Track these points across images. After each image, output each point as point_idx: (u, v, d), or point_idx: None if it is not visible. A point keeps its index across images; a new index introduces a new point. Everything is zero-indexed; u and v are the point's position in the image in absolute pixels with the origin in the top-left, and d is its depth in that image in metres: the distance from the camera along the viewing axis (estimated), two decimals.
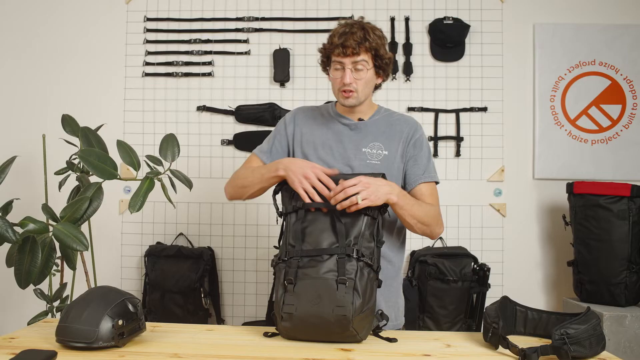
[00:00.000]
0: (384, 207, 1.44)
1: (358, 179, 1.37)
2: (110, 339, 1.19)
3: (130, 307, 1.25)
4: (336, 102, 1.71)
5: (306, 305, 1.26)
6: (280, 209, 1.48)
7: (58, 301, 2.23)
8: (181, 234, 2.94)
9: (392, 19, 2.95)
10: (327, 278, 1.28)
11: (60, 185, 2.34)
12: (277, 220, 1.49)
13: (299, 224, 1.38)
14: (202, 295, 2.72)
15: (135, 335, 1.27)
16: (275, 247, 1.48)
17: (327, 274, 1.29)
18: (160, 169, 2.10)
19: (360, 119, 1.64)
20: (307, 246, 1.34)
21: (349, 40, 1.50)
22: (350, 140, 1.62)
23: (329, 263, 1.31)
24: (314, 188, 1.41)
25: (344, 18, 2.92)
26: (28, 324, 1.84)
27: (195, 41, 2.97)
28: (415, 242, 2.90)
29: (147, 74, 2.98)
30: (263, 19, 2.97)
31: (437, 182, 1.67)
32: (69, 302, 2.28)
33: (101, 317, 1.19)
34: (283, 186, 1.49)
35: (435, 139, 2.91)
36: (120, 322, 1.21)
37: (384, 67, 1.59)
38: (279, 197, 1.52)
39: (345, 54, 1.52)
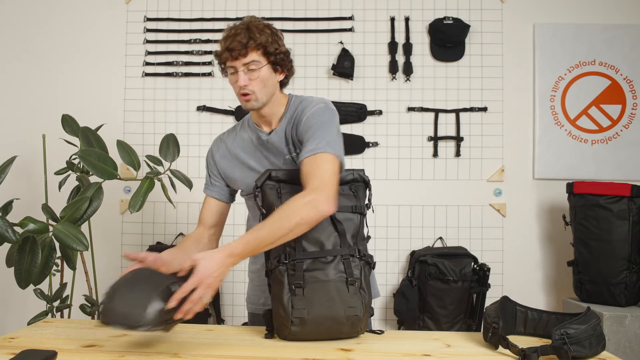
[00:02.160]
0: (369, 203, 1.44)
1: (191, 285, 1.17)
2: (157, 324, 1.11)
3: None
4: None
5: (318, 309, 1.26)
6: (263, 209, 1.40)
7: (58, 301, 2.23)
8: (181, 234, 2.94)
9: (392, 19, 2.95)
10: (337, 280, 1.29)
11: (60, 185, 2.34)
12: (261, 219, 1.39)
13: None
14: None
15: (180, 321, 1.16)
16: None
17: (336, 276, 1.29)
18: (160, 169, 2.11)
19: (270, 132, 1.55)
20: (308, 247, 1.33)
21: (234, 42, 1.46)
22: (273, 153, 1.56)
23: (335, 264, 1.31)
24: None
25: (343, 18, 2.95)
26: (28, 324, 1.84)
27: (195, 41, 2.97)
28: (415, 242, 2.90)
29: (147, 74, 2.98)
30: (263, 19, 2.96)
31: (335, 155, 1.41)
32: (69, 302, 2.29)
33: (150, 301, 1.11)
34: (265, 183, 1.41)
35: (435, 139, 2.91)
36: (168, 306, 1.11)
37: (280, 63, 1.51)
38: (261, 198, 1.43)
39: (234, 57, 1.46)
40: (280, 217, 1.29)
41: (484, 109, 2.92)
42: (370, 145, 2.92)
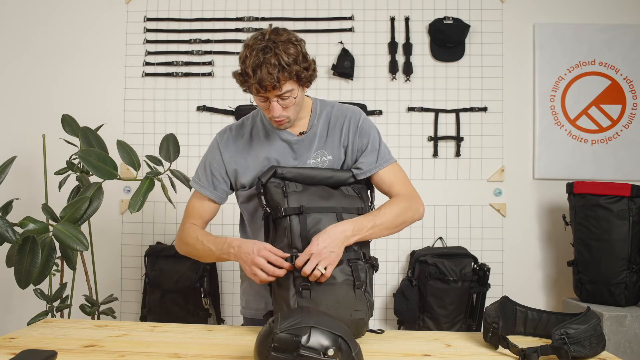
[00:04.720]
0: (372, 205, 1.49)
1: (307, 254, 1.27)
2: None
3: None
4: None
5: (325, 311, 1.22)
6: (267, 208, 1.39)
7: (58, 301, 2.23)
8: None
9: (392, 19, 2.95)
10: (344, 283, 1.29)
11: (60, 185, 2.34)
12: (268, 219, 1.40)
13: (305, 227, 1.33)
14: (202, 295, 2.72)
15: None
16: None
17: (343, 278, 1.29)
18: (160, 169, 2.11)
19: (301, 133, 1.51)
20: None
21: (264, 74, 1.30)
22: (296, 156, 1.51)
23: (342, 267, 1.31)
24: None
25: (343, 18, 2.95)
26: (28, 324, 1.84)
27: (195, 41, 2.97)
28: (415, 242, 2.90)
29: (147, 74, 2.98)
30: (263, 19, 2.97)
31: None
32: (69, 302, 2.29)
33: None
34: (268, 181, 1.40)
35: (435, 139, 2.91)
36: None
37: (310, 78, 1.41)
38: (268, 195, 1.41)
39: (266, 90, 1.34)
40: (392, 214, 1.41)
41: (484, 109, 2.92)
42: None
